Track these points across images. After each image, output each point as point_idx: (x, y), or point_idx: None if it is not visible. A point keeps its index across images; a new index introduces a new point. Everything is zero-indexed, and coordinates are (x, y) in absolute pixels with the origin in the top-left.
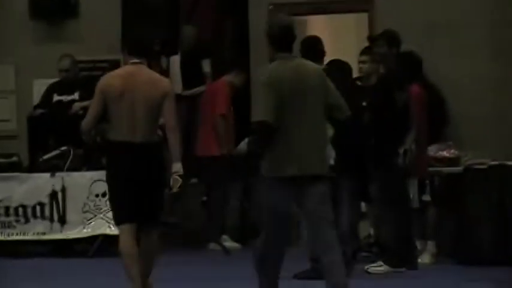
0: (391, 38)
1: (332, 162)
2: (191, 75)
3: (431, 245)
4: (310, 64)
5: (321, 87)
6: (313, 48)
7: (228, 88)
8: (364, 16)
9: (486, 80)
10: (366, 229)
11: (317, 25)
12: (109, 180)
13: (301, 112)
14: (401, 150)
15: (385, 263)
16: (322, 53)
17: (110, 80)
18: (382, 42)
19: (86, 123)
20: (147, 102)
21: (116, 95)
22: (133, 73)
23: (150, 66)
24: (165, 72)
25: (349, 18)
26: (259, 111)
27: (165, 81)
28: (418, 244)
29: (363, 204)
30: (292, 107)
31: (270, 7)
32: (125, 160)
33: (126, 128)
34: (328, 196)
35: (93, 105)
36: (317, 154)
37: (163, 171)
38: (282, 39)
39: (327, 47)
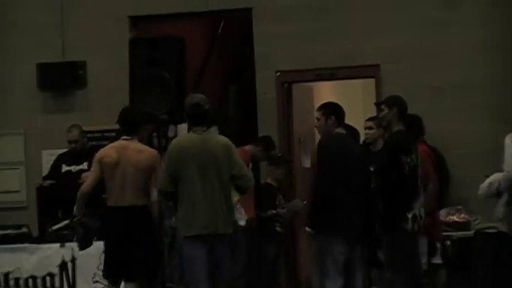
0: (390, 101)
1: (243, 223)
2: None
3: None
4: (217, 137)
5: (225, 158)
6: (339, 112)
7: (248, 157)
8: (370, 82)
9: (493, 142)
10: None
11: (323, 91)
12: (102, 240)
13: (205, 179)
14: (409, 215)
15: None
16: (342, 119)
17: (107, 151)
18: (383, 107)
19: (84, 187)
20: (136, 171)
21: (112, 164)
22: (126, 146)
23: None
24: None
25: (356, 85)
26: (159, 179)
27: (152, 152)
28: None
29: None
30: (196, 175)
31: (277, 74)
32: (113, 223)
33: (117, 194)
34: (229, 255)
35: (92, 173)
36: (219, 215)
37: (148, 231)
38: (192, 115)
39: None
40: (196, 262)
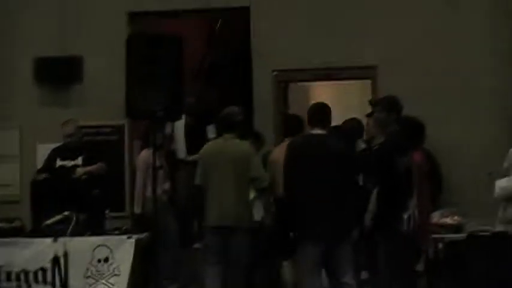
0: (390, 104)
1: (258, 219)
2: (196, 139)
3: None
4: (237, 143)
5: (244, 162)
6: (318, 114)
7: None
8: (367, 83)
9: (490, 145)
10: None
11: (320, 91)
12: None
13: (223, 178)
14: (405, 216)
15: None
16: (320, 119)
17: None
18: (381, 108)
19: None
20: None
21: None
22: None
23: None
24: (170, 137)
25: (353, 85)
26: (196, 175)
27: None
28: None
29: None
30: (216, 174)
31: (274, 73)
32: None
33: None
34: (246, 246)
35: None
36: (233, 211)
37: None
38: (222, 122)
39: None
40: (209, 250)
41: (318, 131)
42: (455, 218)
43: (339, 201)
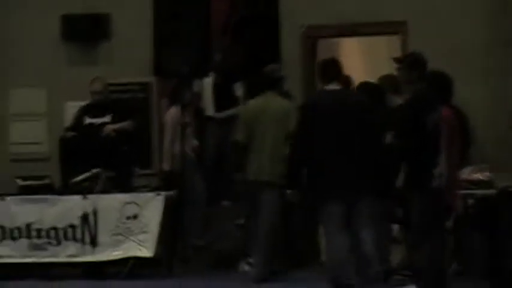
0: (412, 61)
1: None
2: (223, 97)
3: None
4: (279, 100)
5: (283, 119)
6: (323, 70)
7: None
8: (396, 38)
9: None
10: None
11: (348, 47)
12: None
13: (263, 134)
14: (436, 172)
15: (418, 287)
16: (334, 75)
17: None
18: (403, 65)
19: None
20: None
21: None
22: None
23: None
24: (198, 95)
25: (381, 41)
26: (237, 131)
27: None
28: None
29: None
30: (258, 131)
31: (302, 29)
32: None
33: None
34: (278, 201)
35: None
36: (267, 166)
37: None
38: (264, 80)
39: (358, 68)
40: (249, 202)
41: (332, 87)
42: (486, 173)
43: (358, 160)
